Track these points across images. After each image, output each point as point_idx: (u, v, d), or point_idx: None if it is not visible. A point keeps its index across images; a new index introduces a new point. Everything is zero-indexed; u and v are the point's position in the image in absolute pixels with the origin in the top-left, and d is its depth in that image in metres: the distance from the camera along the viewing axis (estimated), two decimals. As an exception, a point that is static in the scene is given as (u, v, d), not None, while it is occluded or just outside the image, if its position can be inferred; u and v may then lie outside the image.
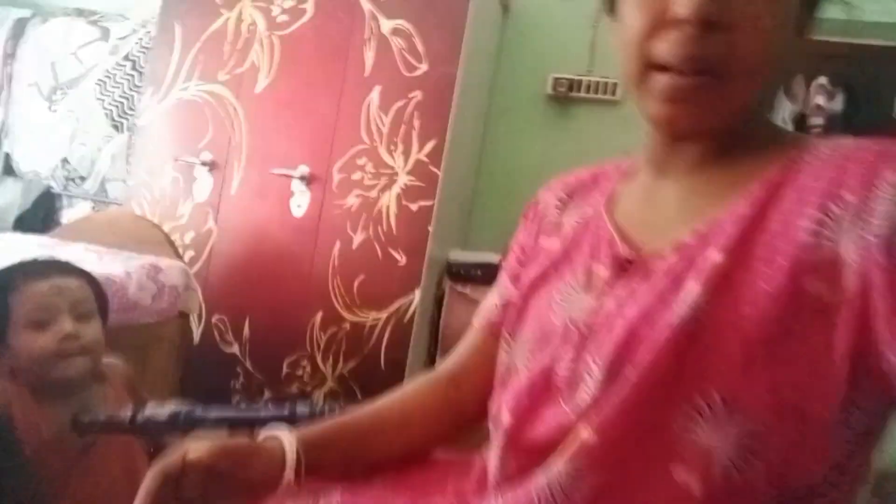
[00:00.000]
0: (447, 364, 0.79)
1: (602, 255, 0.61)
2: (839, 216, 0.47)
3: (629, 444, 0.50)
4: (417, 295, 2.16)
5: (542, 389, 0.58)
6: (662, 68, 0.52)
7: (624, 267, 0.58)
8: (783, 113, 2.41)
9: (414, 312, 2.16)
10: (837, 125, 2.40)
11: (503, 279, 0.78)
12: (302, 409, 0.83)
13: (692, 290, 0.50)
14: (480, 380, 0.72)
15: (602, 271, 0.60)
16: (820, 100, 2.44)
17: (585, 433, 0.51)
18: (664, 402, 0.49)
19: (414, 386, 0.78)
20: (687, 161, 0.60)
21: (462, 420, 0.76)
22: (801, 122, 2.48)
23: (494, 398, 0.66)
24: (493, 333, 0.74)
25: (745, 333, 0.48)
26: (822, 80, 2.47)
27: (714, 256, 0.51)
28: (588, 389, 0.53)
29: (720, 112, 0.54)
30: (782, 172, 0.53)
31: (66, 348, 1.13)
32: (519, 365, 0.63)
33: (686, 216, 0.57)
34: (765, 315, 0.47)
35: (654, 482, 0.49)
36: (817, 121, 2.45)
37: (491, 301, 0.78)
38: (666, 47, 0.52)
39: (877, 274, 0.45)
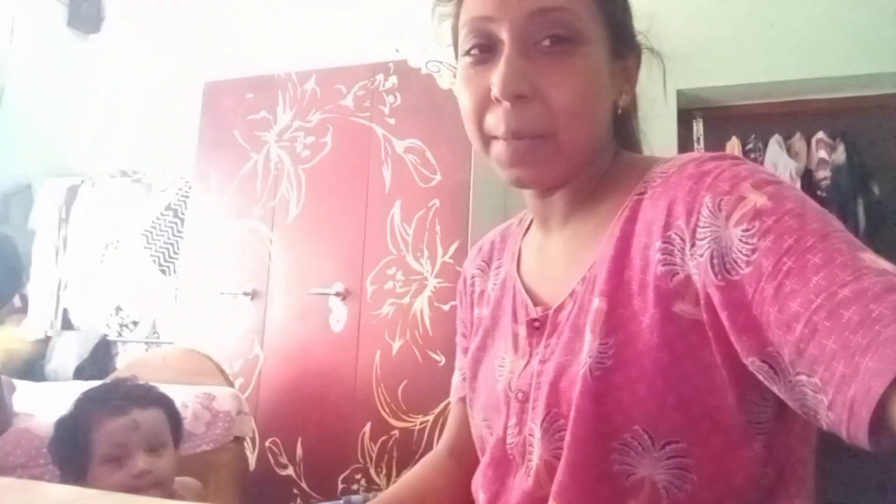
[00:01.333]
0: (443, 442, 0.83)
1: (519, 316, 0.66)
2: (679, 244, 0.52)
3: (585, 497, 0.53)
4: (461, 393, 2.19)
5: (502, 461, 0.63)
6: (497, 138, 0.60)
7: (537, 326, 0.63)
8: (789, 170, 2.49)
9: (459, 411, 2.18)
10: (843, 176, 2.46)
11: (459, 354, 0.82)
12: (356, 499, 0.87)
13: (587, 338, 0.55)
14: (475, 450, 0.73)
15: (522, 332, 0.65)
16: (822, 153, 2.52)
17: (548, 497, 0.55)
18: (600, 449, 0.53)
19: (422, 467, 0.80)
20: (560, 212, 0.65)
21: (469, 491, 0.77)
22: (808, 177, 2.55)
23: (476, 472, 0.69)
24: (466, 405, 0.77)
25: (644, 366, 0.52)
26: (821, 134, 2.56)
27: (596, 303, 0.56)
28: (536, 453, 0.57)
29: (557, 165, 0.60)
30: (632, 208, 0.58)
31: (138, 484, 1.18)
32: (483, 435, 0.67)
33: (573, 264, 0.62)
34: (653, 345, 0.52)
35: None
36: (824, 174, 2.51)
37: (457, 377, 0.82)
38: (493, 121, 0.59)
39: (713, 291, 0.48)
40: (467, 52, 0.61)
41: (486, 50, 0.60)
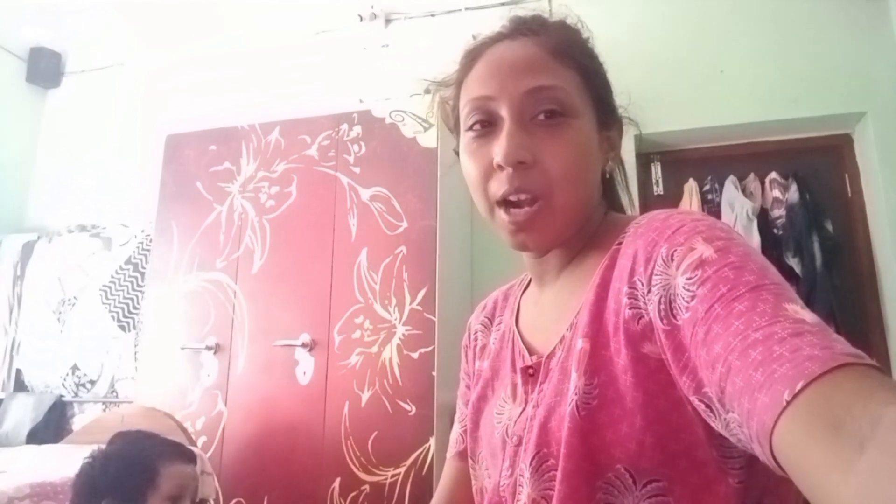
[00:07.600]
0: (436, 499, 0.83)
1: (517, 366, 0.70)
2: (641, 289, 0.55)
3: None
4: (433, 443, 2.15)
5: None
6: (501, 203, 0.65)
7: (531, 373, 0.66)
8: (745, 210, 2.56)
9: (432, 461, 2.14)
10: (797, 214, 2.54)
11: (460, 406, 0.84)
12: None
13: (574, 378, 0.57)
14: None
15: (519, 380, 0.68)
16: (776, 192, 2.60)
17: None
18: (587, 487, 0.54)
19: None
20: (554, 268, 0.71)
21: None
22: (764, 216, 2.62)
23: None
24: (464, 459, 0.79)
25: (625, 405, 0.54)
26: (773, 174, 2.65)
27: (580, 344, 0.59)
28: (524, 493, 0.59)
29: (554, 228, 0.65)
30: (611, 257, 0.62)
31: None
32: (485, 486, 0.69)
33: (563, 313, 0.66)
34: (629, 385, 0.54)
35: None
36: (779, 212, 2.58)
37: (456, 430, 0.84)
38: (497, 185, 0.65)
39: (661, 335, 0.52)
40: (470, 128, 0.68)
41: (487, 125, 0.66)
